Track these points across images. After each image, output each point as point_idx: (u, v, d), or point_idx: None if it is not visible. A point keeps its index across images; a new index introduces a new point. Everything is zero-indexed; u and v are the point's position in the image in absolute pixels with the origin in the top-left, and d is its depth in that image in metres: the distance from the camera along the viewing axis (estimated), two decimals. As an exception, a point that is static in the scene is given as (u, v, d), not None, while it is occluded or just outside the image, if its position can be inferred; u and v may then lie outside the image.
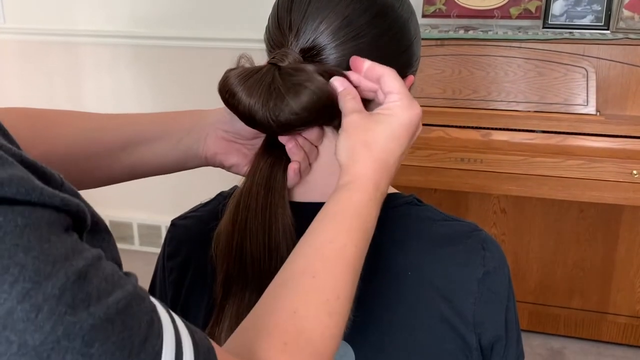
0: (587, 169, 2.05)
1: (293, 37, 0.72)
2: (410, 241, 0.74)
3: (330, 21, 0.71)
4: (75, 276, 0.38)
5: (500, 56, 2.20)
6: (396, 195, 0.78)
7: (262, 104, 0.67)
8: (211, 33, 2.91)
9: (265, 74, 0.68)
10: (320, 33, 0.71)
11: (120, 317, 0.39)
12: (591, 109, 2.11)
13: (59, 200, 0.40)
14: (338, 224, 0.62)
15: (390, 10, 0.74)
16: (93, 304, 0.38)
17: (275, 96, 0.67)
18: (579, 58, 2.14)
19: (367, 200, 0.64)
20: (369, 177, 0.65)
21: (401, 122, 0.68)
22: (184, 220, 0.86)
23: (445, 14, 2.43)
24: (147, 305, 0.43)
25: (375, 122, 0.68)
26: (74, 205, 0.41)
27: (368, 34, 0.72)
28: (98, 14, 3.07)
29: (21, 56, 3.26)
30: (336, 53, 0.71)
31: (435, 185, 2.23)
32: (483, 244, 0.74)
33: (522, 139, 2.14)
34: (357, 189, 0.65)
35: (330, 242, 0.60)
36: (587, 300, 2.46)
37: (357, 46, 0.71)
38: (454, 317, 0.71)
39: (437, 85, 2.23)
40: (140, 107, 3.14)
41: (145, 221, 3.29)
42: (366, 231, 0.63)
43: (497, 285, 0.74)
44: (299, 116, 0.67)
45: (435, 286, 0.71)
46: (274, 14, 0.76)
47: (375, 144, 0.66)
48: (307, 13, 0.71)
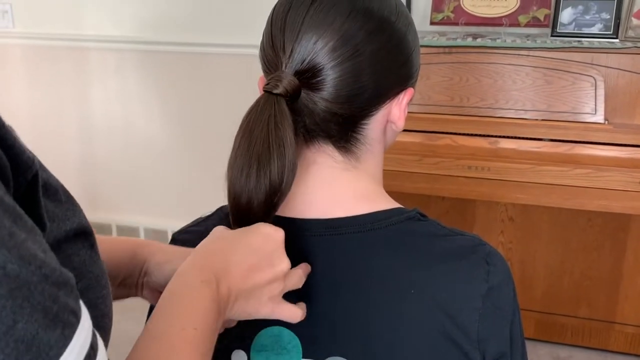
0: (595, 178, 2.05)
1: (287, 58, 0.70)
2: (413, 258, 0.72)
3: (325, 40, 0.69)
4: None
5: (508, 64, 2.19)
6: (399, 210, 0.76)
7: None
8: (217, 39, 2.92)
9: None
10: (315, 53, 0.69)
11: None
12: (599, 117, 2.11)
13: None
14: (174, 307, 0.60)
15: (387, 24, 0.73)
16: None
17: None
18: (588, 67, 2.13)
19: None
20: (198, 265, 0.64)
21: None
22: (185, 235, 0.85)
23: (453, 21, 2.43)
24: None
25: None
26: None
27: (366, 51, 0.70)
28: (105, 19, 3.08)
29: (29, 61, 3.27)
30: (334, 74, 0.70)
31: (442, 193, 2.22)
32: (487, 259, 0.72)
33: (529, 147, 2.13)
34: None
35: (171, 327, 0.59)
36: (594, 310, 2.45)
37: (355, 65, 0.70)
38: (458, 333, 0.70)
39: (444, 93, 2.23)
40: (147, 111, 3.15)
41: (151, 225, 3.29)
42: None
43: (502, 300, 0.72)
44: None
45: (438, 303, 0.70)
46: (267, 32, 0.74)
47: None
48: (300, 32, 0.70)
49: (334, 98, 0.71)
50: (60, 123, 3.31)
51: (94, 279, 0.51)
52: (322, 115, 0.72)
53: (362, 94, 0.72)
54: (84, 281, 0.49)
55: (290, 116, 0.69)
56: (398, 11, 0.75)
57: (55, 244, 0.46)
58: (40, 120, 3.32)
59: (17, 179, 0.43)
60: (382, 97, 0.75)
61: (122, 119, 3.21)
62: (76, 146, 3.33)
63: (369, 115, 0.75)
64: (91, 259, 0.51)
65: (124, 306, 0.85)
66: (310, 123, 0.73)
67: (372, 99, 0.74)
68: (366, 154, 0.77)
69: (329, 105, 0.71)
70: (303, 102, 0.71)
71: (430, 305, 0.70)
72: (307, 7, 0.71)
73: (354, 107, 0.72)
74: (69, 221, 0.49)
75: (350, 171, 0.76)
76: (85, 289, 0.49)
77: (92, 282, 0.50)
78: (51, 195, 0.48)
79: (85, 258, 0.50)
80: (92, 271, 0.51)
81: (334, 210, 0.75)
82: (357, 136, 0.75)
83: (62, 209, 0.48)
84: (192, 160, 3.12)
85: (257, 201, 0.67)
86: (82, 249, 0.50)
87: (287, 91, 0.69)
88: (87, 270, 0.50)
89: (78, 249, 0.50)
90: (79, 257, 0.50)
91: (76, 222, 0.49)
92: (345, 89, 0.70)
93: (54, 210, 0.47)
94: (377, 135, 0.77)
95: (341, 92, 0.70)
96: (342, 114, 0.72)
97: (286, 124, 0.68)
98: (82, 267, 0.50)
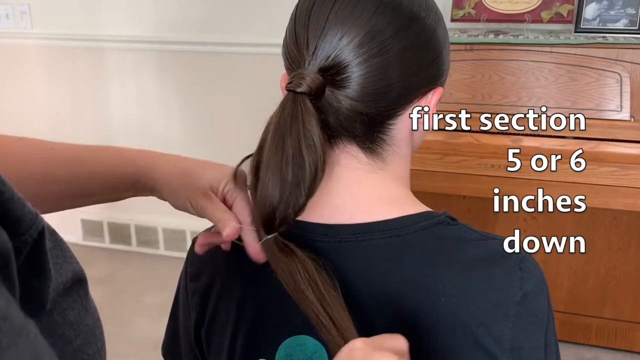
0: (621, 176, 2.01)
1: (311, 55, 0.68)
2: (444, 264, 0.69)
3: (351, 36, 0.66)
4: None
5: (531, 61, 2.15)
6: (428, 214, 0.73)
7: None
8: (236, 38, 2.91)
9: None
10: (341, 50, 0.66)
11: None
12: (625, 114, 2.06)
13: None
14: None
15: (416, 20, 0.69)
16: None
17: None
18: (612, 63, 2.09)
19: None
20: None
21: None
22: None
23: (475, 18, 2.39)
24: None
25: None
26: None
27: (393, 47, 0.67)
28: (123, 19, 3.08)
29: (47, 61, 3.28)
30: (360, 71, 0.67)
31: (464, 192, 2.19)
32: (520, 265, 0.69)
33: (553, 145, 2.09)
34: None
35: None
36: (619, 310, 2.41)
37: (383, 62, 0.67)
38: (491, 343, 0.67)
39: (466, 91, 2.20)
40: (165, 111, 3.15)
41: (170, 225, 3.29)
42: None
43: (537, 307, 0.69)
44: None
45: (470, 311, 0.67)
46: (291, 28, 0.72)
47: None
48: (325, 28, 0.67)
49: (359, 96, 0.68)
50: (78, 124, 3.31)
51: (89, 332, 0.48)
52: (347, 114, 0.69)
53: (389, 92, 0.69)
54: (81, 336, 0.47)
55: (316, 113, 0.66)
56: (427, 6, 0.72)
57: (52, 302, 0.44)
58: (58, 121, 3.32)
59: (19, 237, 0.40)
60: (410, 96, 0.72)
61: (140, 118, 3.21)
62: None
63: (395, 115, 0.72)
64: (85, 310, 0.48)
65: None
66: (335, 122, 0.70)
67: (400, 98, 0.70)
68: (393, 156, 0.74)
69: (354, 103, 0.68)
70: (327, 100, 0.68)
71: (461, 314, 0.67)
72: (332, 2, 0.68)
73: (380, 106, 0.69)
74: (63, 270, 0.46)
75: (376, 173, 0.73)
76: (83, 345, 0.46)
77: (88, 337, 0.48)
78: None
79: (80, 310, 0.48)
80: (87, 324, 0.48)
81: (359, 215, 0.72)
82: (383, 137, 0.73)
83: (53, 256, 0.44)
84: (211, 159, 3.10)
85: (290, 202, 0.65)
86: (77, 299, 0.48)
87: (311, 89, 0.66)
88: (83, 324, 0.48)
89: (73, 302, 0.47)
90: (74, 310, 0.47)
91: (70, 271, 0.46)
92: (371, 87, 0.68)
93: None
94: (404, 136, 0.74)
95: (367, 90, 0.68)
96: (367, 113, 0.69)
97: (314, 122, 0.66)
98: (78, 321, 0.47)
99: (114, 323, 2.66)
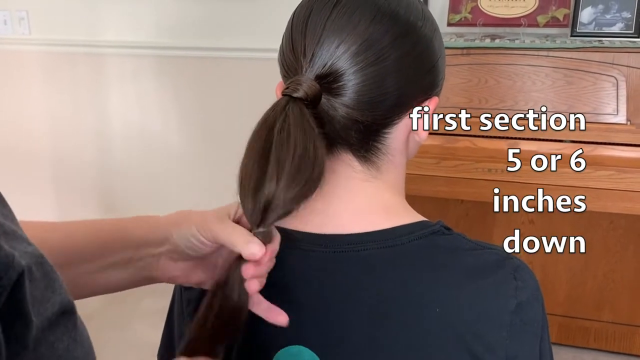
0: (618, 180, 2.01)
1: (307, 63, 0.68)
2: (438, 274, 0.69)
3: (348, 44, 0.67)
4: None
5: (528, 65, 2.16)
6: (422, 223, 0.73)
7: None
8: (235, 43, 2.91)
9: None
10: (337, 58, 0.67)
11: None
12: (621, 118, 2.07)
13: None
14: None
15: (413, 29, 0.70)
16: None
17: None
18: (609, 67, 2.10)
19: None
20: None
21: None
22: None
23: (471, 22, 2.40)
24: None
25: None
26: None
27: (390, 56, 0.68)
28: (122, 25, 3.09)
29: (46, 67, 3.28)
30: (356, 79, 0.67)
31: (461, 196, 2.20)
32: (515, 274, 0.69)
33: (551, 149, 2.10)
34: None
35: None
36: (618, 313, 2.41)
37: (379, 70, 0.67)
38: (485, 353, 0.67)
39: (463, 95, 2.20)
40: (164, 116, 3.15)
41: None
42: None
43: (531, 316, 0.69)
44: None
45: (465, 321, 0.67)
46: (287, 36, 0.72)
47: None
48: (322, 36, 0.67)
49: (355, 104, 0.68)
50: (77, 129, 3.31)
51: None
52: (343, 122, 0.69)
53: (384, 101, 0.69)
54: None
55: (312, 116, 0.66)
56: (424, 16, 0.72)
57: (39, 334, 0.43)
58: (57, 127, 3.33)
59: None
60: (406, 106, 0.72)
61: (139, 124, 3.21)
62: (94, 152, 3.34)
63: (391, 123, 0.72)
64: (75, 342, 0.47)
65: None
66: (330, 130, 0.70)
67: (395, 107, 0.71)
68: (387, 165, 0.74)
69: (349, 111, 0.68)
70: (323, 108, 0.69)
71: (455, 324, 0.67)
72: (329, 10, 0.68)
73: (375, 114, 0.70)
74: (49, 303, 0.45)
75: (371, 182, 0.74)
76: None
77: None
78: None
79: (69, 343, 0.47)
80: (77, 356, 0.47)
81: (353, 224, 0.72)
82: (378, 145, 0.73)
83: (39, 288, 0.44)
84: (210, 165, 3.11)
85: (280, 199, 0.61)
86: (66, 332, 0.46)
87: (308, 95, 0.66)
88: (72, 356, 0.47)
89: (61, 334, 0.46)
90: (63, 342, 0.46)
91: (57, 302, 0.45)
92: (367, 95, 0.68)
93: (33, 293, 0.43)
94: (399, 145, 0.75)
95: (363, 98, 0.68)
96: (363, 121, 0.69)
97: (312, 123, 0.64)
98: (66, 354, 0.46)
99: (113, 328, 2.65)
